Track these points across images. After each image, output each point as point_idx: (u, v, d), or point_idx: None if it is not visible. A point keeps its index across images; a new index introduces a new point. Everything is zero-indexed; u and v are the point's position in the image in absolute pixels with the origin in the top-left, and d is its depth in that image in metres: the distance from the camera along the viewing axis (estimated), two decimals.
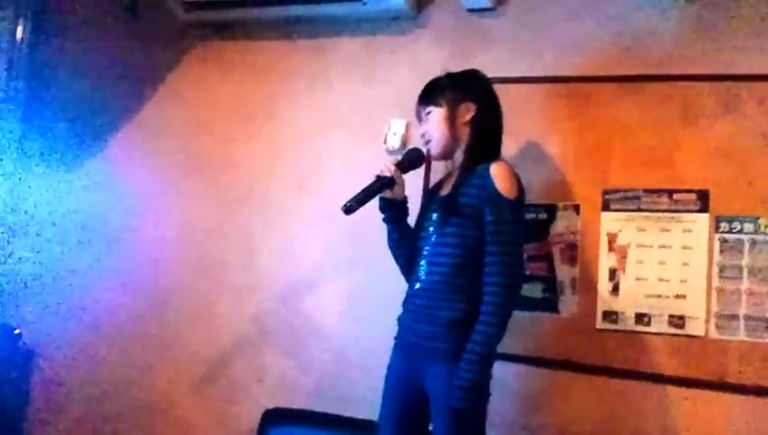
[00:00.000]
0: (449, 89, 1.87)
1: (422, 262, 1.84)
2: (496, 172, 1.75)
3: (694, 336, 1.99)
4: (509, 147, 1.97)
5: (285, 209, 2.48)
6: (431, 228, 1.84)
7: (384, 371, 1.89)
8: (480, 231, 1.74)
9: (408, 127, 1.93)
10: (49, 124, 2.72)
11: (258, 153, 2.54)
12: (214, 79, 2.62)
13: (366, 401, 2.03)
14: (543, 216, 2.16)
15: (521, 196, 1.78)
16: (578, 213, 2.14)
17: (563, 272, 2.13)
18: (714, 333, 1.98)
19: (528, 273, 2.12)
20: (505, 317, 1.72)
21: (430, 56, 2.30)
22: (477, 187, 1.76)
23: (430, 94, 1.89)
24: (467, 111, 1.85)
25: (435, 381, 1.74)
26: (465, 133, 1.86)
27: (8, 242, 2.65)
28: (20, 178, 2.66)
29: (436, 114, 1.87)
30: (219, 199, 2.57)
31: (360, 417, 2.17)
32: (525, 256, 2.02)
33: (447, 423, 1.71)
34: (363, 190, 1.82)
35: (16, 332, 2.59)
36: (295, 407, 2.31)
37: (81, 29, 2.77)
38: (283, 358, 2.41)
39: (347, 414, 2.22)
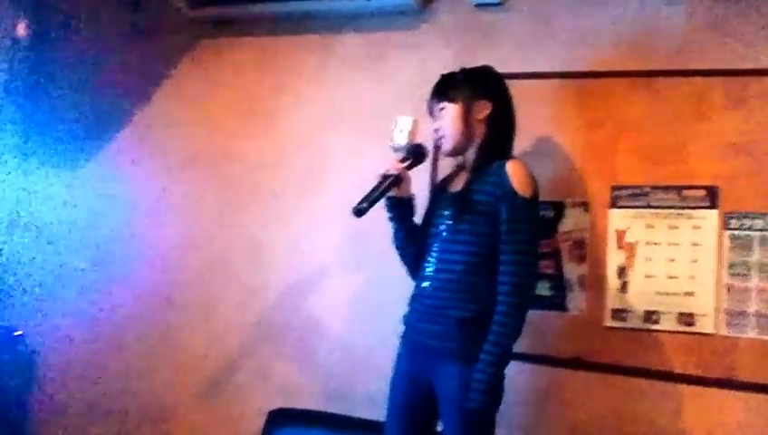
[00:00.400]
0: (465, 85, 1.85)
1: (431, 259, 1.81)
2: (513, 170, 1.74)
3: (703, 334, 1.98)
4: (517, 143, 1.95)
5: (291, 207, 2.46)
6: (442, 225, 1.82)
7: (388, 370, 1.88)
8: (494, 229, 1.73)
9: (414, 124, 1.91)
10: (51, 123, 2.69)
11: (263, 151, 2.52)
12: (218, 76, 2.60)
13: (372, 401, 2.01)
14: (551, 213, 2.15)
15: (536, 194, 1.78)
16: (586, 210, 2.13)
17: (571, 269, 2.12)
18: (723, 331, 1.97)
19: None
20: (522, 317, 1.71)
21: (437, 52, 2.29)
22: (493, 184, 1.75)
23: (445, 90, 1.87)
24: (483, 109, 1.84)
25: (445, 381, 1.72)
26: (479, 130, 1.85)
27: (10, 243, 2.62)
28: (22, 179, 2.63)
29: (451, 110, 1.85)
30: (224, 198, 2.55)
31: (366, 417, 2.14)
32: None
33: (459, 423, 1.69)
34: (371, 191, 1.80)
35: (18, 334, 2.57)
36: (301, 407, 2.29)
37: (82, 26, 2.74)
38: (289, 358, 2.40)
39: (353, 414, 2.20)
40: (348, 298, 2.35)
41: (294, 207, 2.45)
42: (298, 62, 2.50)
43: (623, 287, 2.07)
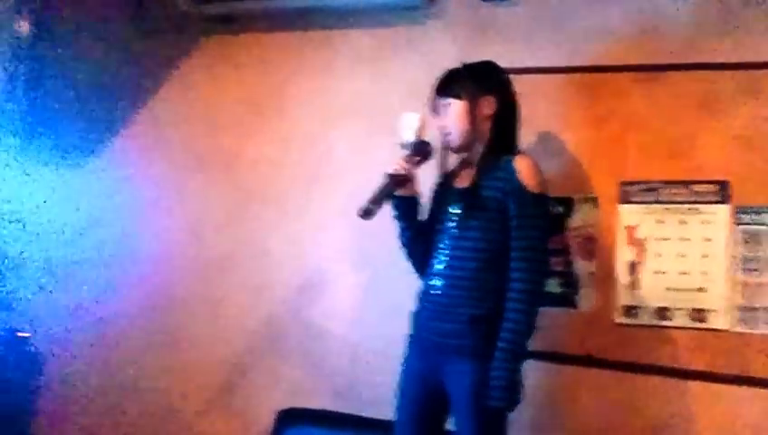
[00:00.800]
0: (469, 81, 1.83)
1: (441, 257, 1.80)
2: (522, 166, 1.74)
3: (716, 330, 1.96)
4: (524, 139, 1.94)
5: (297, 206, 2.43)
6: (450, 222, 1.81)
7: (397, 369, 1.87)
8: (503, 225, 1.72)
9: (421, 120, 1.89)
10: (53, 122, 2.67)
11: (268, 148, 2.50)
12: (221, 73, 2.57)
13: (381, 399, 1.99)
14: (560, 209, 2.12)
15: (545, 190, 1.77)
16: (595, 206, 2.10)
17: (581, 266, 2.10)
18: (736, 327, 1.95)
19: None
20: (535, 313, 1.71)
21: (444, 47, 2.25)
22: (502, 180, 1.74)
23: (449, 86, 1.85)
24: (488, 105, 1.82)
25: (457, 379, 1.72)
26: (485, 126, 1.83)
27: (14, 243, 2.60)
28: (26, 178, 2.61)
29: (457, 107, 1.83)
30: (229, 196, 2.52)
31: (374, 416, 2.13)
32: None
33: (473, 421, 1.68)
34: (378, 191, 1.77)
35: (24, 335, 2.55)
36: (310, 407, 2.27)
37: (85, 24, 2.72)
38: (297, 357, 2.38)
39: (362, 413, 2.19)
40: (355, 297, 2.33)
41: (300, 206, 2.43)
42: (303, 58, 2.47)
43: (634, 284, 2.05)
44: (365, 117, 2.37)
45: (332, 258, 2.38)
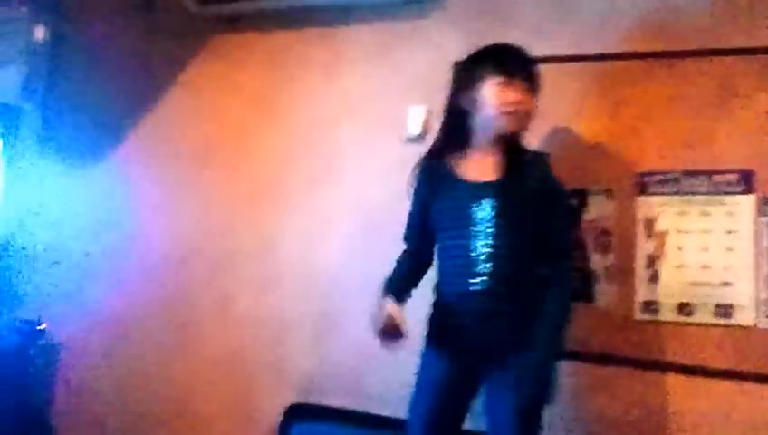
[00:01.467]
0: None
1: (480, 257, 1.69)
2: (551, 162, 1.74)
3: (742, 326, 1.88)
4: (536, 130, 1.88)
5: (303, 201, 2.42)
6: (479, 218, 1.71)
7: (405, 366, 1.82)
8: (535, 219, 1.69)
9: (427, 113, 1.85)
10: (66, 121, 2.72)
11: (275, 145, 2.49)
12: (229, 72, 2.58)
13: (389, 396, 1.97)
14: (574, 201, 2.05)
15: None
16: (611, 198, 2.03)
17: (598, 260, 2.03)
18: (763, 323, 1.86)
19: None
20: (569, 310, 1.70)
21: (449, 40, 2.22)
22: (532, 175, 1.71)
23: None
24: None
25: (502, 375, 1.67)
26: None
27: (31, 239, 2.66)
28: (42, 176, 2.67)
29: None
30: (236, 193, 2.52)
31: (382, 413, 2.11)
32: None
33: (516, 417, 1.65)
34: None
35: (40, 327, 2.59)
36: (317, 403, 2.25)
37: (97, 26, 2.77)
38: (305, 353, 2.36)
39: (370, 410, 2.16)
40: (362, 293, 2.29)
41: (307, 201, 2.41)
42: (308, 55, 2.46)
43: (653, 278, 1.97)
44: (371, 111, 2.34)
45: (339, 254, 2.35)
